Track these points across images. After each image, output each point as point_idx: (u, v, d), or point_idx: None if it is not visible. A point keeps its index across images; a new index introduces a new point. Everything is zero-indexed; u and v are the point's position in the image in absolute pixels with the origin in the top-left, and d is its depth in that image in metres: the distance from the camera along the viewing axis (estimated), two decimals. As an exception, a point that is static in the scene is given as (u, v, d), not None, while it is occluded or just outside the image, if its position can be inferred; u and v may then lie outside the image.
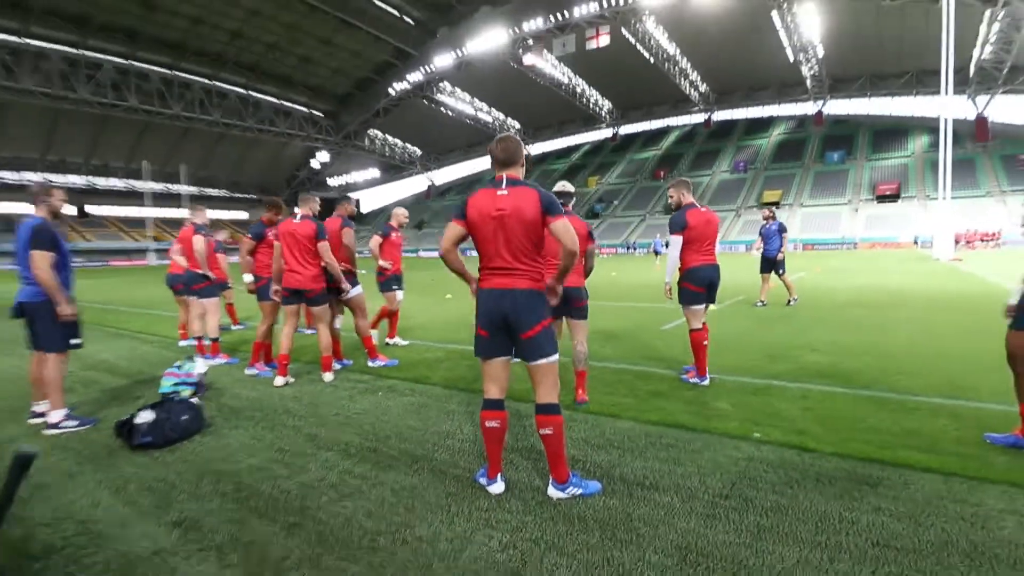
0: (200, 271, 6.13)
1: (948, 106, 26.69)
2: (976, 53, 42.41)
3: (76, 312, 3.91)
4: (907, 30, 43.57)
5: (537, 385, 2.71)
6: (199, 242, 6.08)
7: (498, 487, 2.73)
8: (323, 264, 5.09)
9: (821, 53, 49.40)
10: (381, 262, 6.44)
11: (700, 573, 2.04)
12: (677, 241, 4.55)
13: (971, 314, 8.03)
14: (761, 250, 10.17)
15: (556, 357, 2.72)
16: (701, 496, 2.64)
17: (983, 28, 38.59)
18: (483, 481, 2.79)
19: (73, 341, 3.96)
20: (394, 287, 6.51)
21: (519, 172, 2.75)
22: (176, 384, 4.34)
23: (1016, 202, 43.20)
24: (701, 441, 3.35)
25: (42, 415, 3.94)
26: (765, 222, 10.22)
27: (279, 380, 4.93)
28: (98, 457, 3.34)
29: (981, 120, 50.54)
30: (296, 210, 5.10)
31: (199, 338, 6.34)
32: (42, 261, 3.73)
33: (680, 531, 2.33)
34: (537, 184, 2.70)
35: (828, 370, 4.99)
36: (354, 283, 5.63)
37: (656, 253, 32.36)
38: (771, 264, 9.95)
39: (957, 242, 31.62)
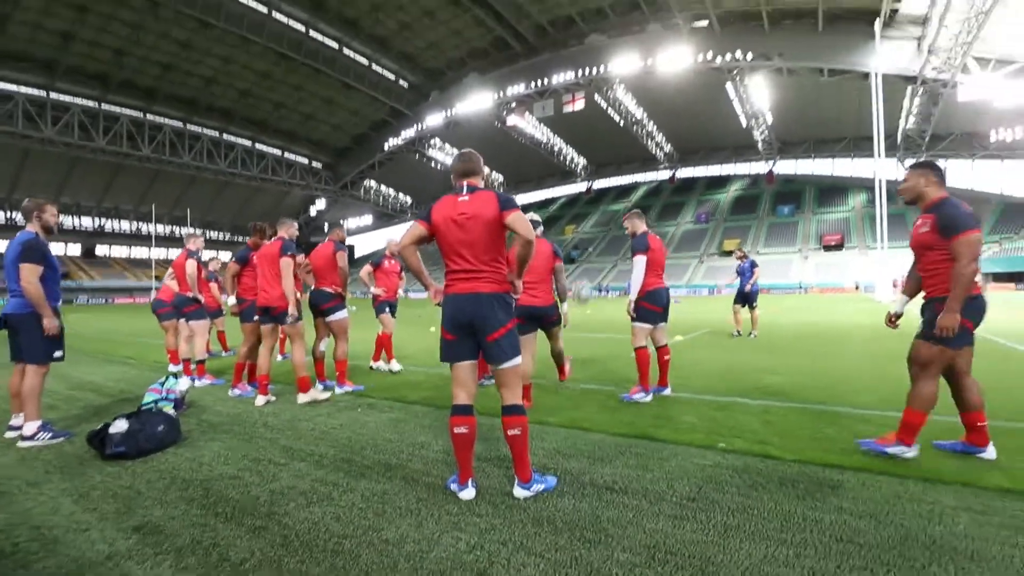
0: (190, 294, 5.91)
1: (881, 168, 27.96)
2: (902, 123, 44.81)
3: (61, 325, 3.69)
4: (843, 102, 46.03)
5: (503, 388, 2.61)
6: (190, 266, 5.88)
7: (468, 493, 2.55)
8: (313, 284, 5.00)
9: (770, 120, 51.74)
10: (373, 289, 6.42)
11: (668, 571, 1.87)
12: (642, 260, 4.49)
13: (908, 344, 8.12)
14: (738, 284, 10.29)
15: (519, 360, 2.63)
16: (669, 499, 2.48)
17: (906, 102, 40.92)
18: (454, 487, 2.60)
19: (56, 354, 3.72)
20: (387, 310, 6.45)
21: (479, 181, 2.71)
22: (157, 400, 4.08)
23: (945, 252, 44.79)
24: (668, 450, 3.20)
25: (19, 428, 3.65)
26: (739, 261, 10.32)
27: (260, 399, 4.67)
28: (68, 467, 3.06)
29: (910, 180, 52.90)
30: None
31: (187, 360, 6.05)
32: (31, 274, 3.54)
33: (648, 531, 2.17)
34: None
35: (787, 390, 4.91)
36: (340, 307, 5.44)
37: None
38: (744, 297, 10.02)
39: (895, 286, 32.48)
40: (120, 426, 3.15)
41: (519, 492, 2.54)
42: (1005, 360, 6.44)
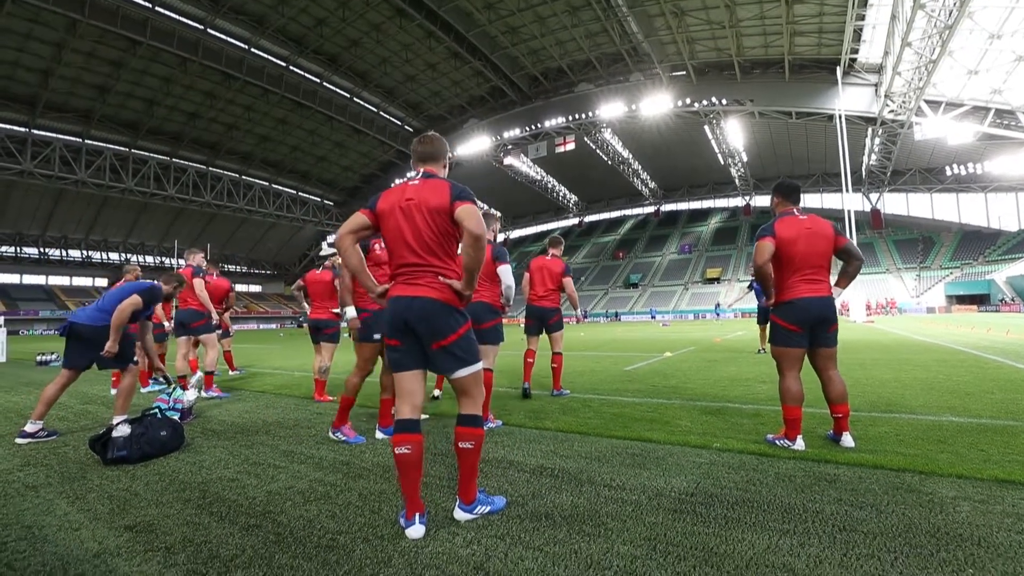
0: (198, 309, 5.78)
1: (848, 201, 28.29)
2: (865, 160, 45.61)
3: (115, 351, 3.76)
4: (811, 142, 46.96)
5: (461, 396, 2.10)
6: (198, 284, 5.76)
7: (416, 530, 1.93)
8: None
9: (745, 158, 52.63)
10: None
11: (671, 561, 1.70)
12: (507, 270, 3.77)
13: (889, 353, 8.02)
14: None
15: (480, 366, 2.11)
16: (667, 494, 2.31)
17: (868, 141, 41.75)
18: (401, 522, 2.00)
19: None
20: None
21: (439, 169, 2.23)
22: (164, 409, 3.89)
23: (909, 277, 45.03)
24: (664, 450, 3.03)
25: (32, 433, 3.66)
26: (752, 279, 10.13)
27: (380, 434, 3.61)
28: (68, 471, 2.87)
29: (875, 212, 53.59)
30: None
31: (181, 376, 5.66)
32: (130, 306, 3.71)
33: (648, 524, 1.99)
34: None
35: (777, 396, 4.73)
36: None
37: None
38: (766, 314, 9.79)
39: (868, 309, 32.54)
40: (123, 430, 2.97)
41: (460, 514, 2.08)
42: (982, 368, 6.29)
